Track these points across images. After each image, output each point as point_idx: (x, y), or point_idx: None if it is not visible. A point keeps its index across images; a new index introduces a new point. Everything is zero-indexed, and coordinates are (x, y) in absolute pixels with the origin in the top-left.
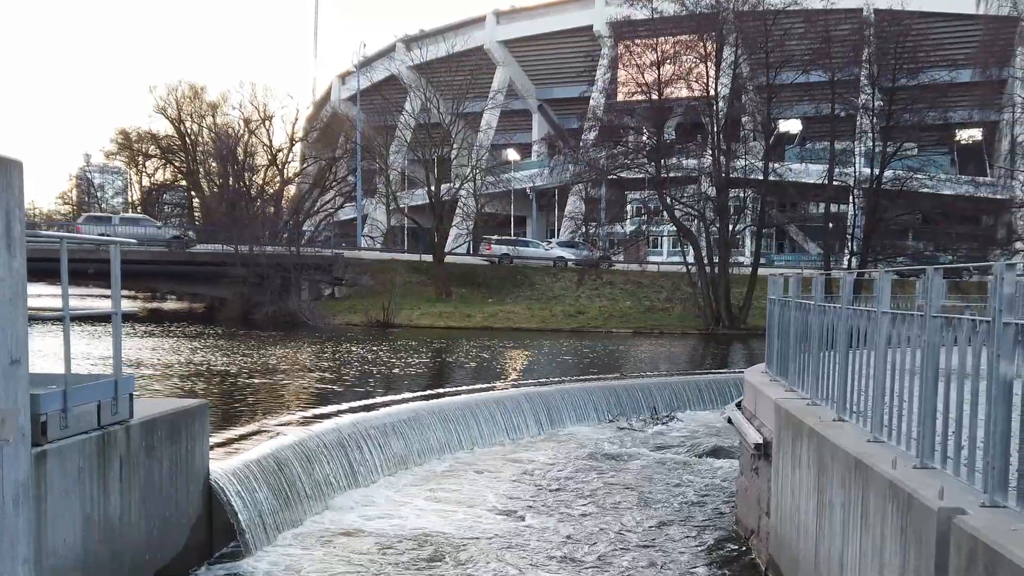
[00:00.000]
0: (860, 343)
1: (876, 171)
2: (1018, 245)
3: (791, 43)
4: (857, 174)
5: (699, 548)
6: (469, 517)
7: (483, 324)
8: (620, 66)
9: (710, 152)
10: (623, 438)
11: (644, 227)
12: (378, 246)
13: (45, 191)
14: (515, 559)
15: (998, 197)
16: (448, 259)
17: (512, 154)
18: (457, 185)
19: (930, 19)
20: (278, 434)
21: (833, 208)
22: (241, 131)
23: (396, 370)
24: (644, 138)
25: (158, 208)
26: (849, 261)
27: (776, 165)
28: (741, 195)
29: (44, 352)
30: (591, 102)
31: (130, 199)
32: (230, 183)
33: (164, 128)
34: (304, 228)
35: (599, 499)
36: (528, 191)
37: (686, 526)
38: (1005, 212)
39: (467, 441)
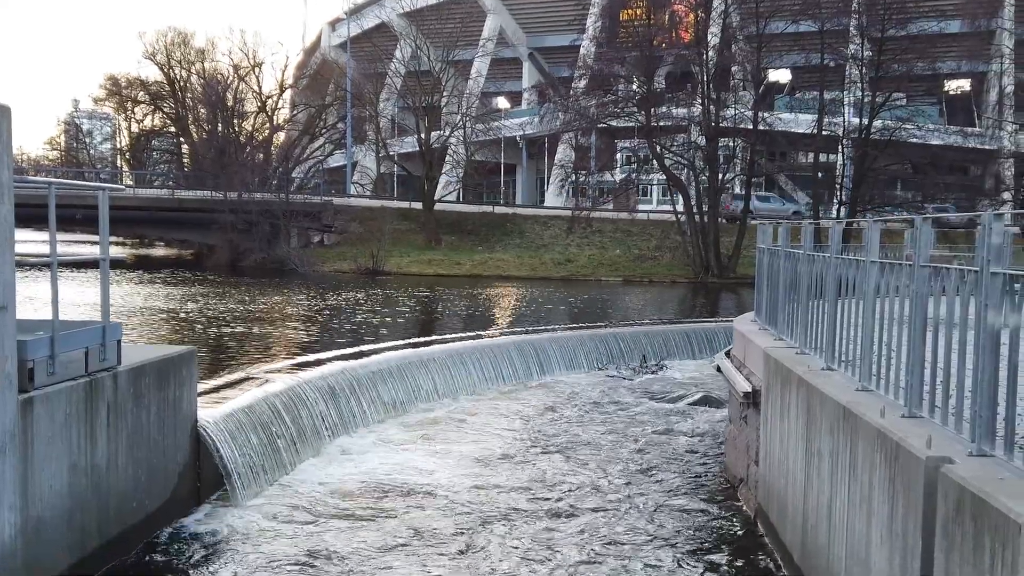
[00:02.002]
0: (849, 292)
1: (865, 121)
2: (1006, 195)
3: None
4: (846, 124)
5: (687, 496)
6: (459, 464)
7: (472, 272)
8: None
9: (700, 101)
10: (612, 386)
11: (634, 176)
12: (367, 193)
13: (33, 137)
14: (503, 506)
15: (986, 147)
16: (438, 207)
17: (502, 102)
18: (447, 133)
19: None
20: (267, 381)
21: (822, 158)
22: (230, 78)
23: (385, 317)
24: (634, 87)
25: (146, 154)
26: (838, 210)
27: (765, 115)
28: (731, 144)
29: (32, 298)
30: (581, 50)
31: (118, 145)
32: (219, 130)
33: (153, 74)
34: (293, 175)
35: (588, 447)
36: (518, 139)
37: (674, 474)
38: (993, 162)
39: (457, 389)
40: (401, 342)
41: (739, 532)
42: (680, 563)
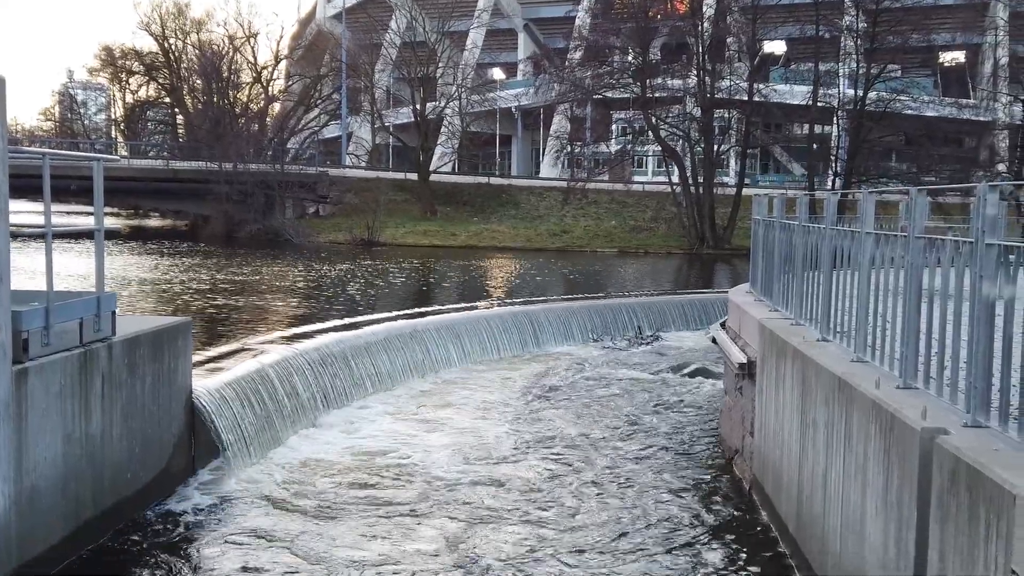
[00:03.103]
0: (844, 264)
1: (860, 93)
2: (1000, 167)
3: None
4: (841, 95)
5: (683, 468)
6: (453, 435)
7: (467, 243)
8: None
9: (695, 72)
10: (608, 358)
11: (629, 147)
12: (363, 164)
13: (27, 107)
14: (497, 477)
15: (981, 119)
16: (433, 178)
17: (498, 73)
18: (442, 104)
19: None
20: (262, 352)
21: (817, 129)
22: (226, 48)
23: (380, 289)
24: (629, 58)
25: (141, 125)
26: (833, 182)
27: (761, 86)
28: (726, 115)
29: (26, 269)
30: (577, 21)
31: (113, 116)
32: (214, 100)
33: (148, 45)
34: (289, 146)
35: (583, 419)
36: (514, 110)
37: (669, 446)
38: (988, 134)
39: (452, 360)
40: (396, 313)
41: (734, 503)
42: (675, 534)
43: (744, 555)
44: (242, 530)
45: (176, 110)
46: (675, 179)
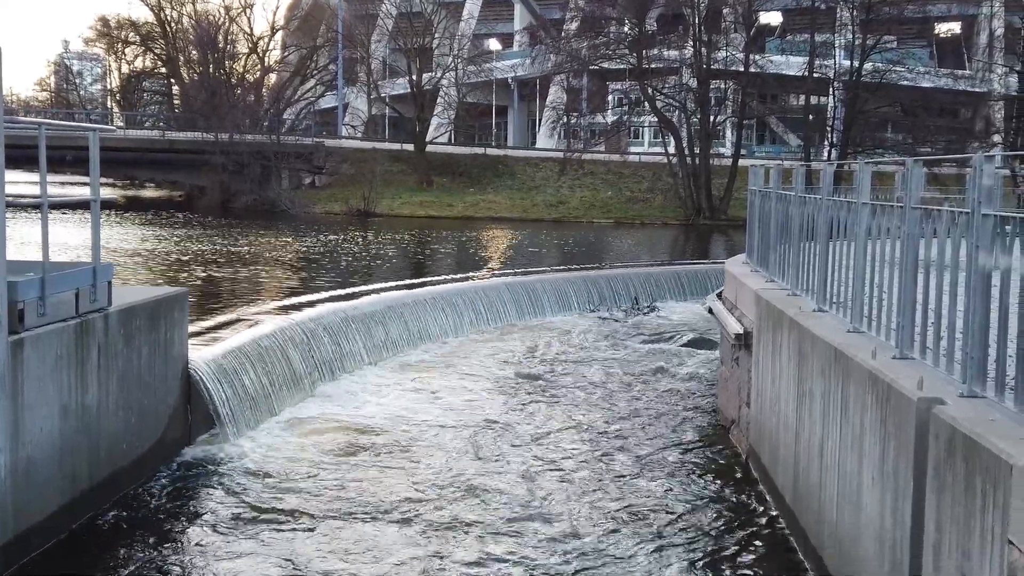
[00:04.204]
0: (840, 234)
1: (856, 63)
2: (996, 138)
3: None
4: (837, 67)
5: (679, 438)
6: (449, 404)
7: (464, 214)
8: None
9: (691, 43)
10: (604, 328)
11: (625, 118)
12: (359, 135)
13: (23, 78)
14: (492, 446)
15: (976, 90)
16: (429, 148)
17: (494, 44)
18: (439, 74)
19: None
20: (258, 323)
21: (813, 100)
22: (222, 19)
23: (377, 259)
24: (626, 29)
25: (137, 96)
26: (829, 153)
27: (757, 57)
28: (722, 87)
29: (22, 240)
30: None
31: (109, 87)
32: (210, 71)
33: (144, 15)
34: (284, 117)
35: (579, 388)
36: (510, 81)
37: (666, 416)
38: (983, 105)
39: (448, 330)
40: (392, 284)
41: (731, 473)
42: (671, 505)
43: (740, 525)
44: (237, 499)
45: (172, 81)
46: (671, 150)
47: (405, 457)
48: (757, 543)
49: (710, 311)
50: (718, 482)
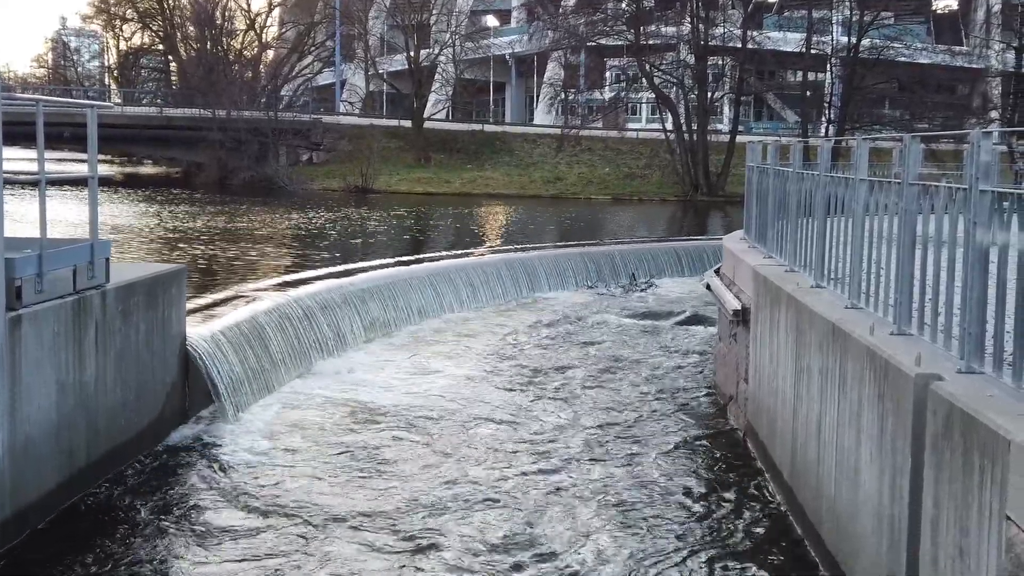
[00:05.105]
0: (838, 210)
1: (853, 40)
2: (993, 114)
3: None
4: (834, 43)
5: (677, 414)
6: (447, 382)
7: (461, 190)
8: None
9: (689, 20)
10: (602, 304)
11: (623, 94)
12: (356, 112)
13: (20, 54)
14: (490, 424)
15: (974, 66)
16: (427, 125)
17: (492, 20)
18: (436, 51)
19: None
20: (255, 299)
21: (811, 77)
22: None
23: (374, 236)
24: (623, 5)
25: (135, 73)
26: (827, 129)
27: (754, 33)
28: (720, 63)
29: (20, 217)
30: None
31: (106, 63)
32: (208, 48)
33: None
34: (282, 93)
35: (577, 365)
36: (508, 58)
37: (664, 392)
38: (981, 81)
39: (446, 306)
40: (390, 260)
41: (728, 450)
42: (668, 481)
43: (738, 502)
44: (235, 476)
45: (169, 57)
46: (669, 126)
47: (403, 433)
48: (754, 519)
49: (708, 287)
50: (715, 458)
